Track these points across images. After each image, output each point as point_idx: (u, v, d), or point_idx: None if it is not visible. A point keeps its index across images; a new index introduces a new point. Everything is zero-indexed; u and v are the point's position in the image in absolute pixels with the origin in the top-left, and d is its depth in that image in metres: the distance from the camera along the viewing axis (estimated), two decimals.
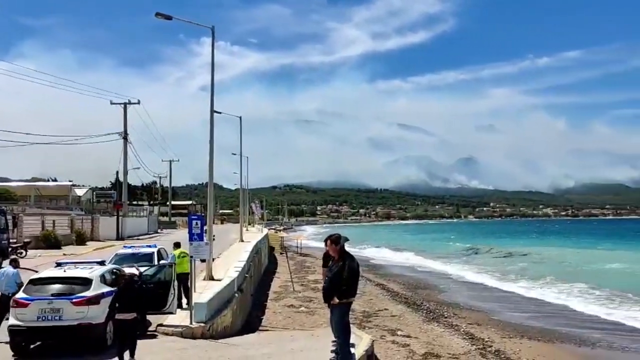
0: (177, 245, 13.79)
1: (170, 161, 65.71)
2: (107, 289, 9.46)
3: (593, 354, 12.89)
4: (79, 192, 60.61)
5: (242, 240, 31.43)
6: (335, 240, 7.61)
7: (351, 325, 11.82)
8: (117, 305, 8.47)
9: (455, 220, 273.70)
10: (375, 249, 53.28)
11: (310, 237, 66.23)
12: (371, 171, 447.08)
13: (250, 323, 14.47)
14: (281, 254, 34.58)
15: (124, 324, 8.33)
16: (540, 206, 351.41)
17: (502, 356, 12.03)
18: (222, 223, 73.26)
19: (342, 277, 7.33)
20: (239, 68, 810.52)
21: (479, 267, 33.95)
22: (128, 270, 10.70)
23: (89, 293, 9.10)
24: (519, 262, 37.75)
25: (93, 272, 9.67)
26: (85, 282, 9.29)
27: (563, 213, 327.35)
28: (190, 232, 12.99)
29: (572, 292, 22.75)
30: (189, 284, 11.82)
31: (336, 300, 7.41)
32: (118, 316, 8.39)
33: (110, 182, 65.62)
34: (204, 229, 13.33)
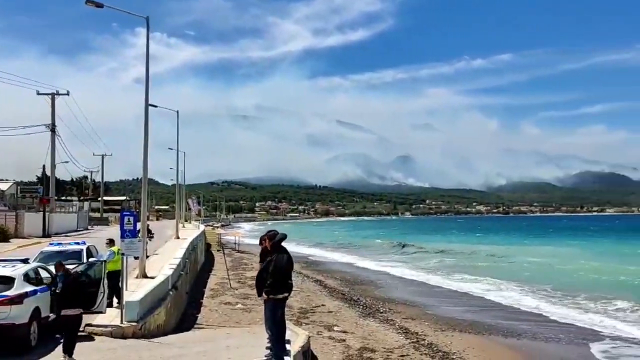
0: (111, 242, 13.23)
1: (103, 155, 63.17)
2: (30, 288, 9.01)
3: (518, 344, 13.48)
4: (3, 186, 57.04)
5: (178, 237, 30.72)
6: (271, 236, 7.60)
7: (288, 322, 11.85)
8: (61, 300, 8.23)
9: (392, 217, 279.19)
10: (313, 245, 53.55)
11: (248, 233, 65.68)
12: (310, 168, 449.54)
13: (185, 321, 14.18)
14: (218, 251, 34.07)
15: (69, 321, 8.07)
16: (474, 203, 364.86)
17: (435, 349, 12.38)
18: (157, 219, 71.39)
19: (267, 272, 7.33)
20: (175, 60, 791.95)
21: (414, 264, 34.81)
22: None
23: (11, 292, 8.63)
24: (452, 258, 38.99)
25: (16, 271, 9.16)
26: (7, 281, 8.80)
27: (495, 210, 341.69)
28: (122, 229, 12.51)
29: (501, 287, 23.76)
30: (120, 282, 11.41)
31: (264, 296, 7.38)
32: (64, 312, 8.12)
33: (37, 176, 62.42)
34: (137, 225, 12.90)
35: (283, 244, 7.62)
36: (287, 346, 8.06)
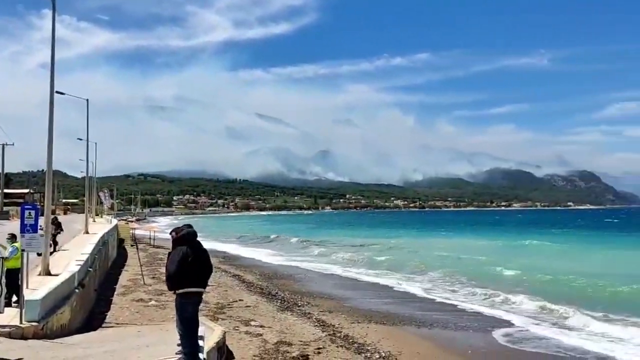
0: (12, 237, 12.20)
1: (3, 145, 58.73)
2: None
3: (430, 333, 13.99)
4: None
5: (88, 232, 29.18)
6: (176, 230, 7.36)
7: (203, 317, 11.58)
8: None
9: (313, 211, 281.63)
10: (231, 239, 52.86)
11: (164, 228, 63.67)
12: (230, 161, 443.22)
13: (93, 320, 13.46)
14: (132, 246, 32.72)
15: None
16: (392, 198, 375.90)
17: (350, 340, 12.56)
18: (65, 213, 67.36)
19: (166, 267, 7.14)
20: (86, 46, 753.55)
21: (332, 257, 35.23)
22: None
23: None
24: (369, 251, 39.87)
25: None
26: None
27: (412, 205, 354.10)
28: (22, 224, 11.63)
29: (416, 279, 24.61)
30: (19, 280, 10.59)
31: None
32: None
33: None
34: (39, 219, 12.05)
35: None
36: (201, 342, 7.82)
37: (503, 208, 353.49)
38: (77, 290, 12.61)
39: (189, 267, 7.01)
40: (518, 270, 25.01)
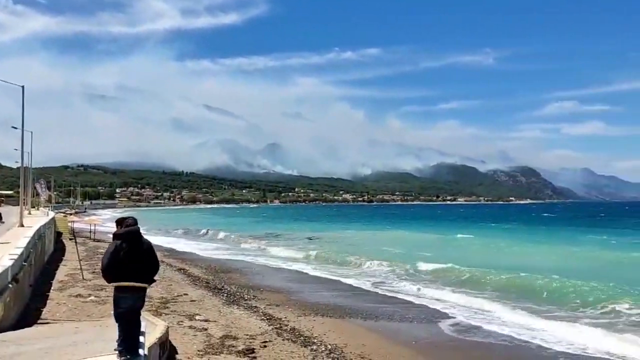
0: None
1: None
2: None
3: (376, 325, 14.15)
4: None
5: (23, 225, 27.81)
6: (118, 222, 7.16)
7: (146, 312, 11.24)
8: None
9: (261, 204, 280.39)
10: (175, 232, 51.84)
11: (106, 221, 61.71)
12: (177, 153, 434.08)
13: (28, 317, 12.82)
14: (70, 239, 31.47)
15: None
16: (341, 192, 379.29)
17: (297, 333, 12.53)
18: None
19: (101, 261, 6.99)
20: (22, 30, 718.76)
21: (281, 250, 35.10)
22: None
23: None
24: (317, 244, 40.06)
25: None
26: None
27: (360, 199, 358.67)
28: None
29: (363, 272, 24.84)
30: None
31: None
32: None
33: None
34: None
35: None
36: (142, 338, 7.56)
37: (448, 202, 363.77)
38: (10, 286, 11.96)
39: (121, 261, 6.80)
40: (446, 263, 25.05)
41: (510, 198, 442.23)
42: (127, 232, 7.04)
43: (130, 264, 6.89)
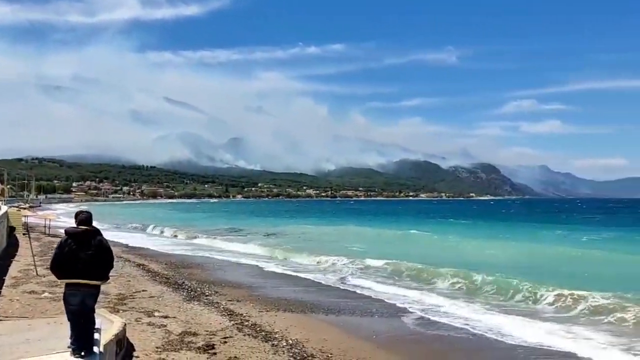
0: None
1: None
2: None
3: (337, 320, 14.21)
4: None
5: None
6: (77, 213, 6.98)
7: (103, 309, 10.99)
8: None
9: (224, 199, 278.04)
10: (136, 227, 50.87)
11: (61, 216, 60.04)
12: (136, 146, 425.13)
13: None
14: (24, 234, 30.45)
15: None
16: (304, 187, 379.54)
17: (258, 329, 12.46)
18: None
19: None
20: None
21: (242, 246, 34.86)
22: None
23: None
24: (279, 239, 39.98)
25: None
26: None
27: (324, 194, 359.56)
28: None
29: (325, 267, 24.91)
30: None
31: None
32: None
33: None
34: None
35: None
36: (97, 335, 7.38)
37: (411, 198, 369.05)
38: None
39: (66, 257, 6.65)
40: (401, 259, 25.23)
41: (471, 194, 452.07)
42: (74, 228, 6.92)
43: (78, 260, 6.72)
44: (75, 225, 7.13)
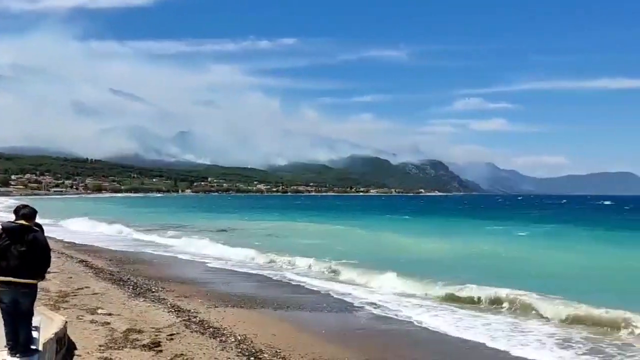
0: None
1: None
2: None
3: (287, 315, 14.22)
4: None
5: None
6: (15, 210, 6.68)
7: (42, 307, 10.58)
8: None
9: (172, 194, 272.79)
10: (79, 222, 49.12)
11: None
12: (80, 139, 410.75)
13: None
14: None
15: None
16: (255, 182, 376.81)
17: (206, 325, 12.29)
18: None
19: None
20: None
21: (191, 240, 34.30)
22: None
23: None
24: (228, 235, 39.57)
25: None
26: None
27: (274, 189, 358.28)
28: None
29: (273, 263, 24.81)
30: None
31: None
32: None
33: None
34: None
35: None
36: (35, 334, 7.09)
37: (361, 193, 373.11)
38: None
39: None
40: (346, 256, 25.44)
41: (420, 190, 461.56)
42: (10, 223, 6.65)
43: (10, 257, 6.45)
44: (13, 220, 6.83)
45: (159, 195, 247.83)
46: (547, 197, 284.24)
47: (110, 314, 12.69)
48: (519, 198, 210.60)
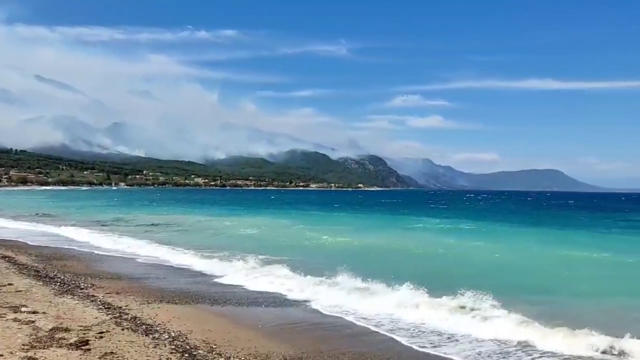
0: None
1: None
2: None
3: (223, 310, 14.03)
4: None
5: None
6: None
7: None
8: None
9: (105, 187, 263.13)
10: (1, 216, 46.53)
11: None
12: (3, 128, 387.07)
13: None
14: None
15: None
16: (193, 176, 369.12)
17: (139, 322, 11.93)
18: None
19: None
20: None
21: (124, 236, 33.24)
22: None
23: None
24: (164, 230, 38.59)
25: None
26: None
27: (213, 183, 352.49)
28: None
29: (207, 257, 24.41)
30: None
31: None
32: None
33: None
34: None
35: None
36: None
37: (301, 188, 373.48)
38: None
39: None
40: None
41: (359, 185, 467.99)
42: None
43: None
44: None
45: (85, 188, 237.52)
46: (478, 192, 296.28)
47: (35, 312, 12.07)
48: (450, 194, 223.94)
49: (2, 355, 8.87)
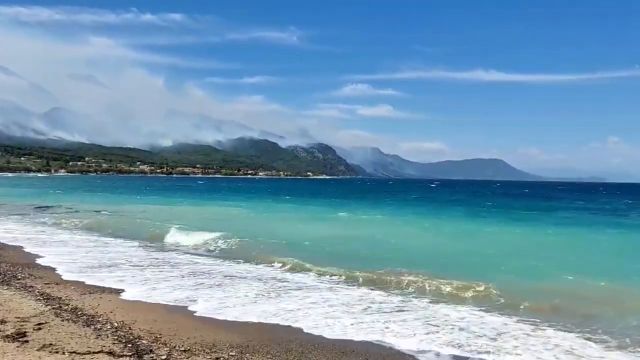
0: None
1: None
2: None
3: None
4: None
5: None
6: None
7: None
8: None
9: (44, 174, 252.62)
10: None
11: None
12: None
13: None
14: None
15: None
16: (138, 163, 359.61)
17: (79, 313, 11.59)
18: None
19: None
20: None
21: (62, 225, 32.10)
22: None
23: None
24: (106, 218, 37.50)
25: None
26: None
27: (159, 170, 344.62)
28: None
29: (153, 246, 23.98)
30: None
31: None
32: None
33: None
34: None
35: None
36: None
37: (249, 176, 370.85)
38: None
39: None
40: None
41: (308, 173, 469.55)
42: None
43: None
44: None
45: (10, 175, 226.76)
46: (426, 181, 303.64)
47: None
48: (390, 182, 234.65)
49: None
